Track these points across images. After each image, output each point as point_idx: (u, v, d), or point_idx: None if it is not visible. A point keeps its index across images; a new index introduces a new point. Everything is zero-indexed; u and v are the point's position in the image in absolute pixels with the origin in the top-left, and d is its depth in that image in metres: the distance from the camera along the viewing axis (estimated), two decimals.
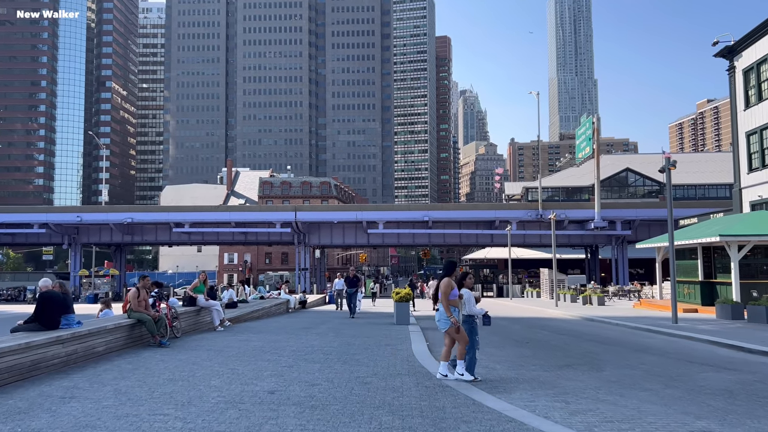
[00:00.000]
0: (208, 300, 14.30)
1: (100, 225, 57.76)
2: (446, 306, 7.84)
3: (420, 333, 13.55)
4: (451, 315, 7.82)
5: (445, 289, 7.87)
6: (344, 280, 21.46)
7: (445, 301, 7.85)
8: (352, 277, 20.82)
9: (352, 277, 20.84)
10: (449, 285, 7.91)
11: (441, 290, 7.89)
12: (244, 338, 12.32)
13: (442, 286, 7.91)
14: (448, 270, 8.19)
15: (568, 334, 15.18)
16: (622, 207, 56.19)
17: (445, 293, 7.86)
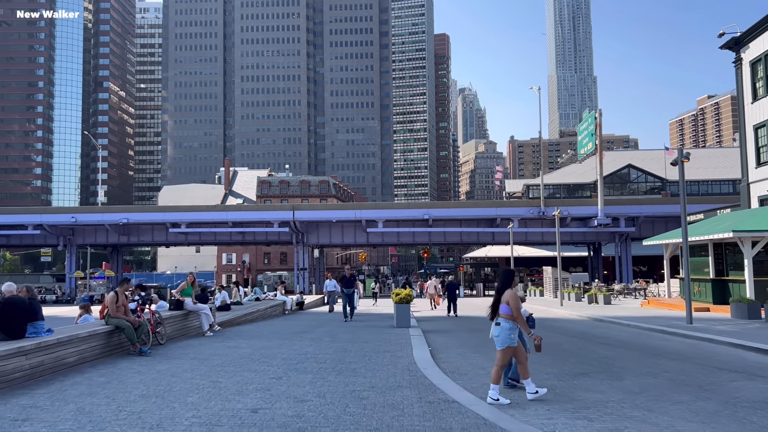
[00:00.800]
0: (197, 303, 13.46)
1: (96, 226, 56.93)
2: (523, 323, 7.04)
3: (422, 337, 12.71)
4: (530, 331, 7.11)
5: (516, 303, 7.00)
6: (340, 279, 19.69)
7: (520, 317, 7.00)
8: (348, 276, 19.32)
9: (349, 276, 19.36)
10: (518, 298, 7.09)
11: (510, 304, 6.99)
12: (233, 345, 11.48)
13: (511, 299, 7.01)
14: (507, 280, 7.28)
15: (578, 336, 14.35)
16: (626, 203, 55.37)
17: (516, 307, 6.99)
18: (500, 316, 7.07)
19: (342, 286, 19.29)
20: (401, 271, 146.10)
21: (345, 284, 19.17)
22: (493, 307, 7.23)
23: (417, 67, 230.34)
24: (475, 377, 8.59)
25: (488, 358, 10.38)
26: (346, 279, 19.22)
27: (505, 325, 6.99)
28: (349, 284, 19.19)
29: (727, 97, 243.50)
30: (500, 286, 7.26)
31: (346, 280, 19.20)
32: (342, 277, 19.40)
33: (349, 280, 19.25)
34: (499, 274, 7.50)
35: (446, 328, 17.37)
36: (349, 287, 19.11)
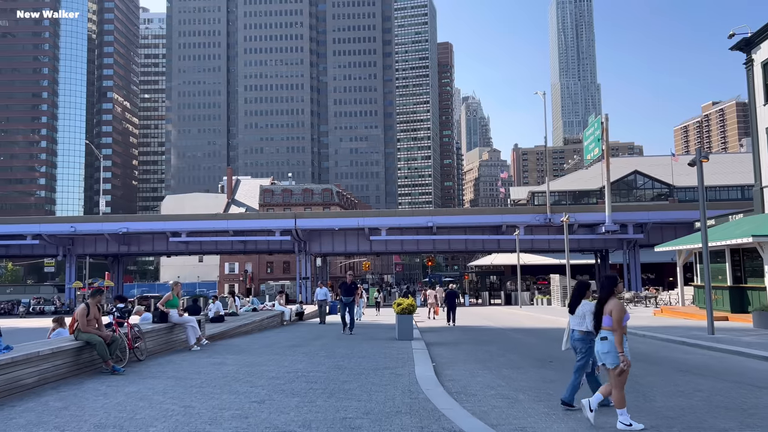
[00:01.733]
0: (183, 315, 12.50)
1: (96, 235, 56.17)
2: (619, 337, 6.00)
3: (425, 351, 11.71)
4: (621, 350, 5.99)
5: (618, 314, 6.01)
6: (339, 287, 17.75)
7: (619, 330, 6.00)
8: (349, 284, 17.33)
9: (350, 284, 17.36)
10: (622, 308, 6.09)
11: (613, 315, 6.02)
12: (218, 361, 10.51)
13: (614, 310, 6.05)
14: (610, 287, 6.28)
15: None
16: (634, 210, 54.30)
17: (618, 320, 5.99)
18: (604, 329, 6.10)
19: (341, 295, 17.44)
20: (406, 279, 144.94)
21: (344, 292, 17.29)
22: (596, 319, 6.25)
23: (420, 75, 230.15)
24: (484, 399, 7.60)
25: (498, 375, 9.39)
26: (346, 286, 17.32)
27: (615, 339, 6.02)
28: (348, 292, 17.32)
29: (731, 103, 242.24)
30: (603, 294, 6.26)
31: (345, 288, 17.32)
32: (341, 284, 17.56)
33: (349, 288, 17.32)
34: (601, 281, 6.48)
35: (451, 340, 16.37)
36: (348, 295, 17.31)
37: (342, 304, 17.54)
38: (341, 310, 17.65)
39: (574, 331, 7.11)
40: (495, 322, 25.56)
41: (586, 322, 6.80)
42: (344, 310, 17.46)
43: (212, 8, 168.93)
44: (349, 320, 17.33)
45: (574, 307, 7.06)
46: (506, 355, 12.14)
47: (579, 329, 6.98)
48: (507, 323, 24.38)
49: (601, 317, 6.16)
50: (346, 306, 17.38)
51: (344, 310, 17.46)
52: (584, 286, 7.19)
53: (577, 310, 7.03)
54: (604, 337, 6.09)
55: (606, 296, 6.21)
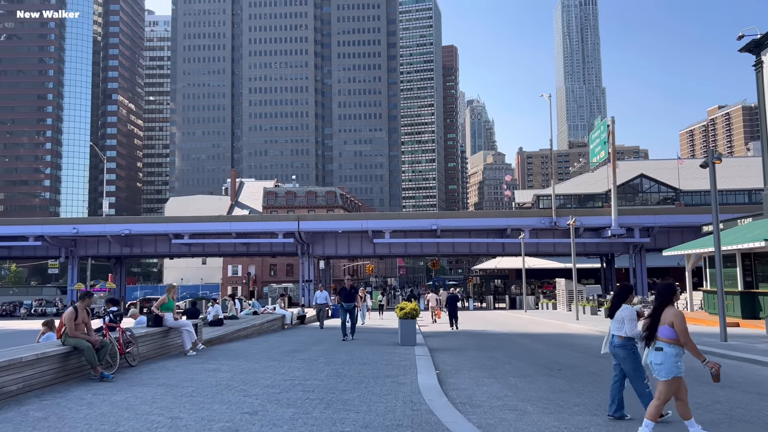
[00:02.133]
0: (179, 319, 12.10)
1: (98, 237, 55.91)
2: (693, 347, 5.59)
3: (428, 358, 11.27)
4: (704, 358, 5.60)
5: (683, 325, 5.59)
6: (338, 292, 16.78)
7: (690, 341, 5.58)
8: (348, 288, 16.44)
9: (349, 288, 16.45)
10: (684, 317, 5.66)
11: (677, 326, 5.59)
12: (213, 367, 10.10)
13: (676, 320, 5.62)
14: (668, 295, 5.89)
15: (602, 356, 12.84)
16: (640, 213, 53.73)
17: (684, 330, 5.57)
18: (660, 339, 5.69)
19: (341, 300, 16.55)
20: (409, 283, 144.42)
21: (344, 297, 16.42)
22: (650, 328, 5.82)
23: (425, 78, 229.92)
24: (490, 411, 7.16)
25: (505, 385, 8.96)
26: (346, 291, 16.41)
27: (670, 351, 5.60)
28: (349, 297, 16.46)
29: (738, 107, 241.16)
30: (660, 302, 5.86)
31: (345, 293, 16.42)
32: (341, 289, 16.53)
33: (349, 293, 16.44)
34: (658, 289, 6.08)
35: (455, 345, 15.93)
36: (349, 301, 16.46)
37: (343, 310, 16.67)
38: (342, 316, 16.73)
39: (614, 336, 6.80)
40: (500, 326, 25.10)
41: (625, 327, 6.50)
42: (345, 316, 16.59)
43: (217, 11, 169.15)
44: (350, 326, 16.66)
45: (614, 311, 6.79)
46: (512, 362, 11.69)
47: (618, 334, 6.69)
48: (512, 328, 23.91)
49: (657, 326, 5.74)
50: (347, 312, 16.55)
51: (345, 316, 16.59)
52: (627, 289, 6.89)
53: (617, 314, 6.75)
54: (660, 347, 5.66)
55: (664, 304, 5.81)
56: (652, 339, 5.78)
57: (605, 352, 7.03)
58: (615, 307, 6.83)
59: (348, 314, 16.53)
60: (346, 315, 16.53)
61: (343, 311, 16.64)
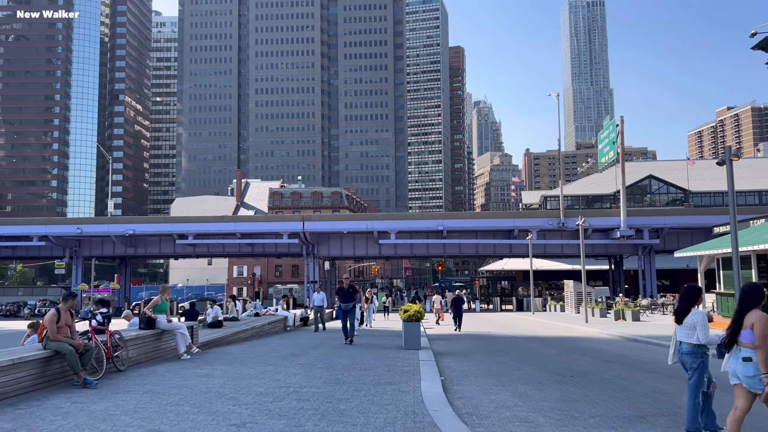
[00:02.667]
0: (172, 321, 11.60)
1: (102, 237, 55.65)
2: (763, 355, 4.88)
3: (432, 363, 10.71)
4: (765, 371, 4.86)
5: (763, 330, 4.91)
6: (337, 292, 15.46)
7: (764, 347, 4.89)
8: (347, 287, 15.12)
9: (348, 287, 15.13)
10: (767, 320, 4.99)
11: (756, 330, 4.94)
12: (205, 372, 9.58)
13: (759, 323, 4.96)
14: (756, 297, 5.21)
15: (616, 361, 12.25)
16: (650, 214, 52.94)
17: (763, 336, 4.90)
18: (744, 346, 5.03)
19: (339, 301, 15.19)
20: (416, 284, 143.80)
21: (342, 298, 15.05)
22: (732, 333, 5.16)
23: (432, 79, 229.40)
24: (499, 423, 6.60)
25: (514, 393, 8.39)
26: (344, 291, 15.04)
27: (758, 359, 4.94)
28: (347, 298, 15.05)
29: (747, 108, 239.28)
30: (745, 304, 5.19)
31: (343, 293, 15.06)
32: (339, 289, 15.15)
33: (348, 293, 15.01)
34: (744, 291, 5.37)
35: (461, 349, 15.36)
36: (347, 301, 15.04)
37: (341, 312, 15.32)
38: (341, 318, 15.46)
39: (682, 343, 6.13)
40: (507, 329, 24.50)
41: (697, 333, 5.87)
42: (344, 319, 15.20)
43: (224, 11, 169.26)
44: (350, 329, 15.34)
45: (683, 316, 6.11)
46: (522, 367, 11.12)
47: (688, 341, 6.02)
48: (520, 331, 23.32)
49: (739, 331, 5.10)
50: (345, 313, 15.18)
51: (344, 319, 15.20)
52: (695, 292, 6.24)
53: (686, 319, 6.08)
54: (748, 357, 4.98)
55: (749, 306, 5.14)
56: (733, 346, 5.14)
57: (674, 362, 6.31)
58: (683, 311, 6.15)
59: (347, 316, 15.21)
60: (345, 317, 15.23)
61: (342, 313, 15.40)
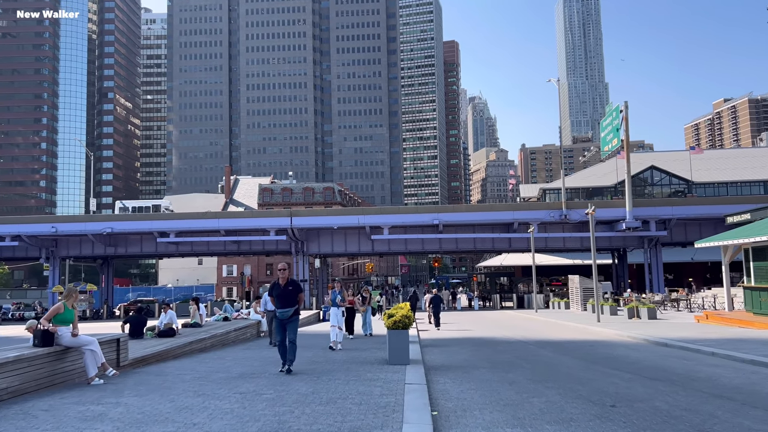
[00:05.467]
0: (78, 336, 8.79)
1: (80, 236, 52.66)
2: None
3: (422, 389, 7.90)
4: None
5: None
6: (270, 291, 10.18)
7: None
8: (284, 284, 9.80)
9: (285, 284, 9.79)
10: None
11: None
12: (99, 411, 6.77)
13: None
14: None
15: (661, 378, 9.49)
16: (656, 204, 50.22)
17: None
18: None
19: (276, 306, 9.95)
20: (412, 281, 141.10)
21: (279, 300, 9.80)
22: None
23: (426, 74, 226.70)
24: None
25: None
26: (279, 290, 9.80)
27: None
28: (285, 300, 9.74)
29: (744, 100, 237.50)
30: None
31: (278, 292, 9.81)
32: (272, 285, 10.02)
33: (285, 293, 9.75)
34: None
35: (460, 360, 12.59)
36: (285, 305, 9.74)
37: (277, 323, 10.08)
38: (276, 332, 10.40)
39: None
40: (511, 331, 21.76)
41: None
42: (281, 334, 9.93)
43: (214, 6, 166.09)
44: (289, 346, 9.84)
45: None
46: (542, 391, 8.35)
47: None
48: (527, 333, 20.57)
49: None
50: (281, 325, 9.88)
51: (281, 334, 9.93)
52: None
53: None
54: None
55: None
56: None
57: None
58: None
59: (283, 329, 9.88)
60: (281, 331, 9.93)
61: (277, 325, 10.11)
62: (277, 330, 10.13)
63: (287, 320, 9.83)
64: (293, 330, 9.89)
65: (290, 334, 9.88)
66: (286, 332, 9.87)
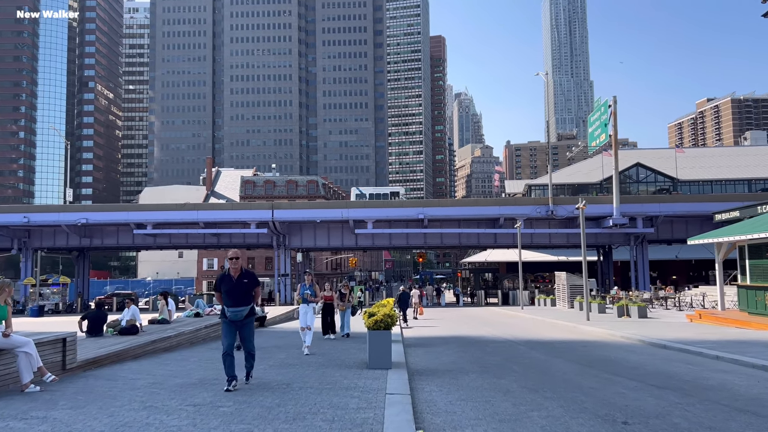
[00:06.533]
0: (11, 336, 7.64)
1: (54, 227, 50.91)
2: None
3: (406, 402, 6.85)
4: None
5: None
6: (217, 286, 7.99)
7: None
8: (237, 276, 7.89)
9: (238, 276, 7.88)
10: None
11: None
12: (17, 429, 5.67)
13: None
14: None
15: (671, 387, 8.57)
16: (644, 201, 49.73)
17: None
18: None
19: (223, 302, 7.88)
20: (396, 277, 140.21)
21: (227, 295, 7.79)
22: None
23: (412, 68, 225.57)
24: None
25: None
26: (230, 283, 7.78)
27: None
28: (238, 296, 7.78)
29: (727, 99, 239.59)
30: None
31: (229, 286, 7.77)
32: (220, 278, 7.88)
33: (238, 287, 7.78)
34: None
35: (446, 363, 11.60)
36: (238, 303, 7.78)
37: (225, 325, 7.88)
38: (225, 335, 7.89)
39: None
40: (499, 329, 20.85)
41: None
42: (230, 338, 7.81)
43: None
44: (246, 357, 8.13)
45: None
46: (540, 401, 7.38)
47: None
48: (514, 332, 19.67)
49: None
50: (231, 328, 7.85)
51: (230, 338, 7.81)
52: None
53: None
54: None
55: None
56: None
57: None
58: None
59: (235, 331, 7.91)
60: (233, 333, 7.85)
61: (226, 327, 7.87)
62: (226, 334, 7.77)
63: (241, 322, 7.82)
64: (249, 335, 7.97)
65: (247, 342, 7.95)
66: (237, 338, 7.91)
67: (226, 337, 7.84)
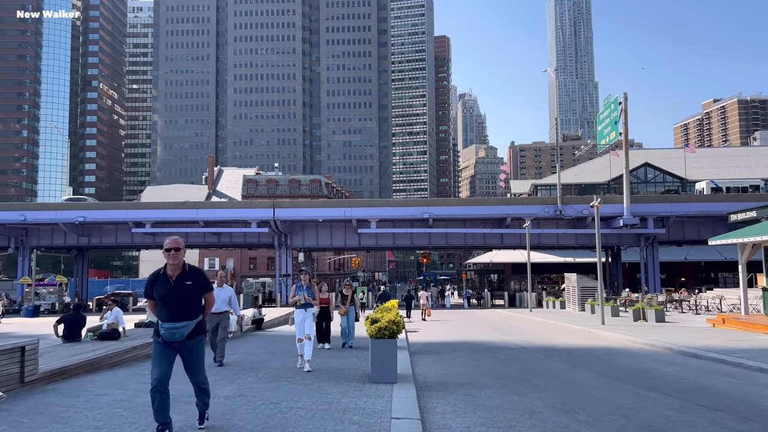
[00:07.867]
0: None
1: (52, 226, 49.94)
2: None
3: (416, 429, 5.70)
4: None
5: None
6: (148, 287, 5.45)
7: None
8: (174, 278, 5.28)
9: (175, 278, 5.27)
10: None
11: None
12: None
13: None
14: None
15: (724, 409, 7.36)
16: (655, 201, 48.47)
17: None
18: None
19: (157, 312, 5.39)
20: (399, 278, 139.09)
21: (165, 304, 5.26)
22: None
23: (417, 68, 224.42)
24: None
25: None
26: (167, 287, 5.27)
27: None
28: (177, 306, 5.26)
29: (733, 100, 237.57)
30: None
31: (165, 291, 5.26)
32: (153, 277, 5.47)
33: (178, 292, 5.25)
34: None
35: (459, 375, 10.42)
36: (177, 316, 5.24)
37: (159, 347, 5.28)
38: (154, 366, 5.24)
39: None
40: (509, 334, 19.65)
41: None
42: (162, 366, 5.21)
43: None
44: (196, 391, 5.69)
45: None
46: (574, 427, 6.20)
47: None
48: (527, 337, 18.46)
49: None
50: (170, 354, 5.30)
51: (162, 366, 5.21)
52: None
53: None
54: None
55: None
56: None
57: None
58: None
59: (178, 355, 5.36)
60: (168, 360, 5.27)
61: (159, 350, 5.26)
62: (159, 362, 5.20)
63: (182, 344, 5.27)
64: (197, 364, 5.43)
65: (195, 374, 5.45)
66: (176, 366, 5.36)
67: (158, 365, 5.17)
